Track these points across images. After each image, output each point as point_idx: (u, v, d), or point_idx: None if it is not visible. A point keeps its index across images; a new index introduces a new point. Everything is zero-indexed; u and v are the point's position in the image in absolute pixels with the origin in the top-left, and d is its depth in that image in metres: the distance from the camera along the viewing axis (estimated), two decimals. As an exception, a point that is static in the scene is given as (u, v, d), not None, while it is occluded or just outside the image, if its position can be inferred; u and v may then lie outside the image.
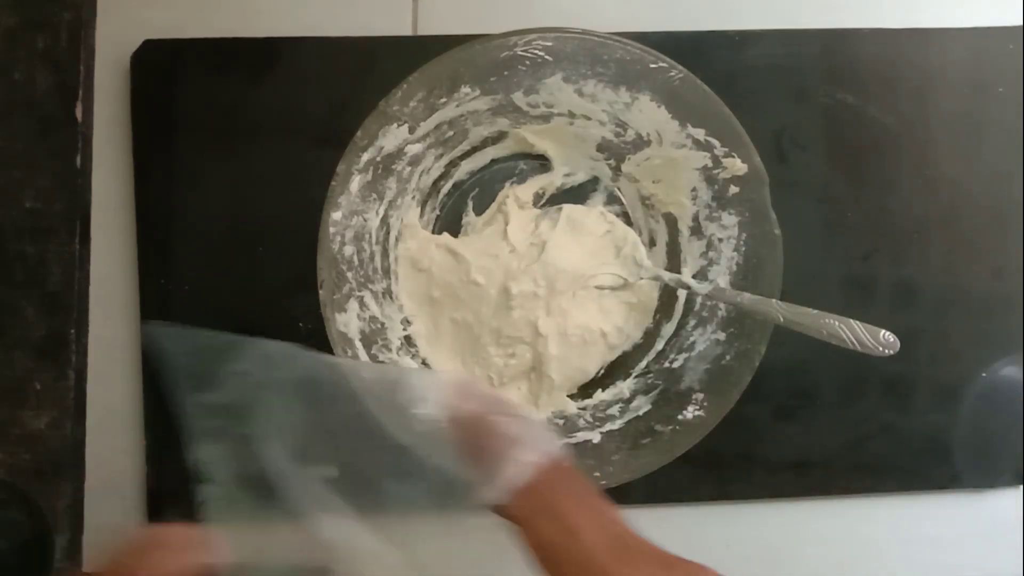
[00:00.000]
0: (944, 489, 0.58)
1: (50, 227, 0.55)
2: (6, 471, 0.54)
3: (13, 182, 0.55)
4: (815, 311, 0.47)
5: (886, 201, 0.58)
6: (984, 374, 0.58)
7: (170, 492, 0.55)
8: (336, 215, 0.49)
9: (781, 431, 0.53)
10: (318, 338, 0.54)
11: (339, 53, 0.56)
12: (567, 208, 0.55)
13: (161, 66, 0.56)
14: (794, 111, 0.57)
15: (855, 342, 0.46)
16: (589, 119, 0.54)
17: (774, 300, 0.48)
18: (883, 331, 0.46)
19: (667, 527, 0.56)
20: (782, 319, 0.48)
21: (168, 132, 0.56)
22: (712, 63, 0.56)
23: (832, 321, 0.47)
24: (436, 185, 0.55)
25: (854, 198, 0.58)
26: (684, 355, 0.52)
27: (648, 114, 0.52)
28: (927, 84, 0.58)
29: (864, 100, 0.58)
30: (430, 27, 0.58)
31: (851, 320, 0.46)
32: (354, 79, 0.56)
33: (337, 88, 0.56)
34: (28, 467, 0.54)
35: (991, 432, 0.58)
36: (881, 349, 0.46)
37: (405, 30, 0.58)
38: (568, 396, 0.55)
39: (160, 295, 0.55)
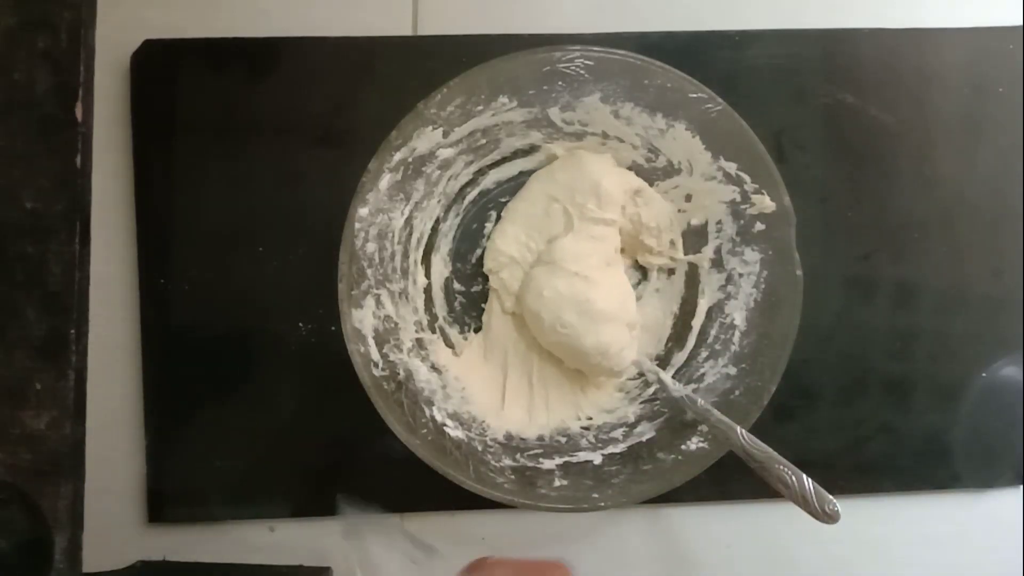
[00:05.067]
0: (944, 489, 0.58)
1: (50, 227, 0.55)
2: (6, 471, 0.54)
3: (13, 182, 0.55)
4: (775, 453, 0.47)
5: (886, 201, 0.58)
6: (984, 374, 0.58)
7: (170, 492, 0.55)
8: (363, 211, 0.49)
9: (781, 431, 0.53)
10: (318, 338, 0.54)
11: (339, 53, 0.56)
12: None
13: (161, 66, 0.56)
14: (794, 111, 0.57)
15: (800, 497, 0.46)
16: (622, 141, 0.54)
17: (739, 428, 0.48)
18: (831, 500, 0.45)
19: (667, 527, 0.57)
20: (741, 449, 0.48)
21: (168, 132, 0.56)
22: (712, 63, 0.57)
23: (785, 470, 0.46)
24: (462, 191, 0.55)
25: (854, 198, 0.58)
26: (693, 386, 0.52)
27: (682, 143, 0.52)
28: (927, 84, 0.58)
29: (864, 100, 0.58)
30: (430, 27, 0.58)
31: (804, 476, 0.46)
32: (354, 79, 0.56)
33: (337, 88, 0.56)
34: (28, 467, 0.54)
35: (991, 432, 0.58)
36: (821, 514, 0.45)
37: (405, 30, 0.58)
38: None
39: (160, 295, 0.55)
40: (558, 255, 0.52)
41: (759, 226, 0.52)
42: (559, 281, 0.51)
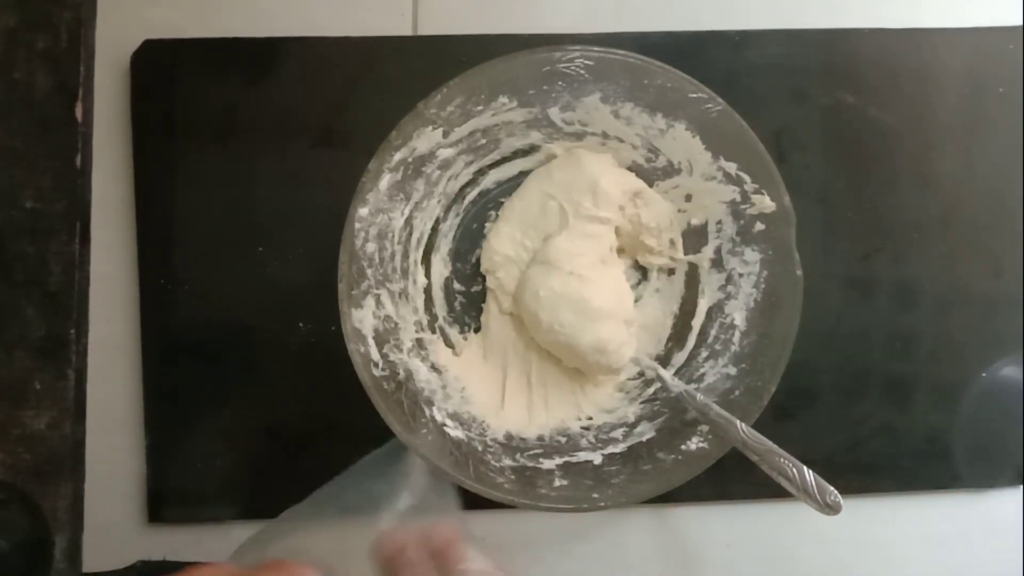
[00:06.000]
0: (944, 489, 0.58)
1: (50, 227, 0.55)
2: (6, 471, 0.54)
3: (13, 182, 0.55)
4: (774, 446, 0.47)
5: (886, 201, 0.58)
6: (984, 374, 0.58)
7: (170, 492, 0.55)
8: (363, 211, 0.49)
9: (781, 431, 0.52)
10: (318, 338, 0.55)
11: (339, 53, 0.56)
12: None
13: (161, 66, 0.56)
14: (794, 111, 0.57)
15: (801, 489, 0.46)
16: (622, 141, 0.54)
17: (739, 422, 0.48)
18: (832, 491, 0.46)
19: (667, 527, 0.57)
20: (741, 443, 0.48)
21: (168, 132, 0.56)
22: (712, 63, 0.57)
23: (786, 462, 0.47)
24: (462, 191, 0.55)
25: (854, 198, 0.58)
26: (693, 386, 0.52)
27: (682, 143, 0.52)
28: (927, 84, 0.58)
29: (864, 100, 0.58)
30: (430, 27, 0.58)
31: (804, 467, 0.46)
32: (354, 79, 0.56)
33: (337, 88, 0.56)
34: (28, 467, 0.54)
35: (991, 432, 0.58)
36: (823, 506, 0.46)
37: (405, 30, 0.58)
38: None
39: (160, 295, 0.55)
40: (552, 254, 0.52)
41: (759, 226, 0.52)
42: (554, 280, 0.51)
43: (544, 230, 0.54)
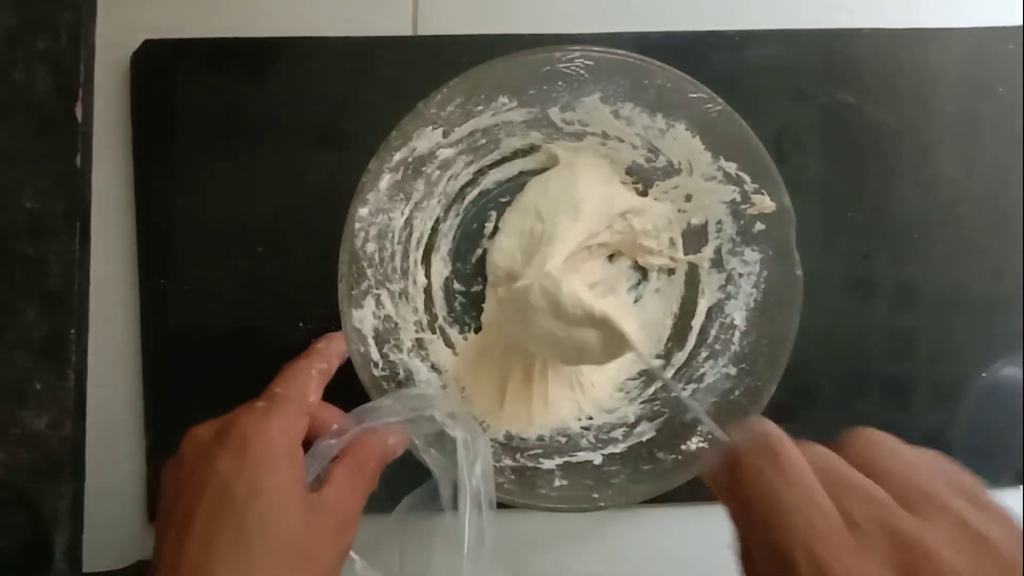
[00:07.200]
0: (944, 489, 0.58)
1: (50, 227, 0.55)
2: (6, 471, 0.54)
3: (13, 182, 0.55)
4: None
5: (886, 201, 0.58)
6: (984, 374, 0.58)
7: (170, 492, 0.55)
8: (363, 211, 0.49)
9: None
10: (317, 338, 0.54)
11: (339, 53, 0.56)
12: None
13: (161, 66, 0.56)
14: (794, 111, 0.57)
15: None
16: (622, 141, 0.54)
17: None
18: None
19: (667, 527, 0.57)
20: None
21: (168, 132, 0.56)
22: (712, 63, 0.57)
23: None
24: (462, 191, 0.55)
25: (854, 198, 0.58)
26: (693, 386, 0.52)
27: (682, 143, 0.52)
28: (927, 84, 0.58)
29: (864, 100, 0.58)
30: (430, 27, 0.58)
31: None
32: (354, 79, 0.56)
33: (337, 88, 0.56)
34: (28, 467, 0.54)
35: (991, 432, 0.58)
36: None
37: (405, 30, 0.58)
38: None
39: (160, 295, 0.55)
40: (532, 297, 0.50)
41: (759, 226, 0.52)
42: (538, 318, 0.50)
43: (532, 251, 0.53)
